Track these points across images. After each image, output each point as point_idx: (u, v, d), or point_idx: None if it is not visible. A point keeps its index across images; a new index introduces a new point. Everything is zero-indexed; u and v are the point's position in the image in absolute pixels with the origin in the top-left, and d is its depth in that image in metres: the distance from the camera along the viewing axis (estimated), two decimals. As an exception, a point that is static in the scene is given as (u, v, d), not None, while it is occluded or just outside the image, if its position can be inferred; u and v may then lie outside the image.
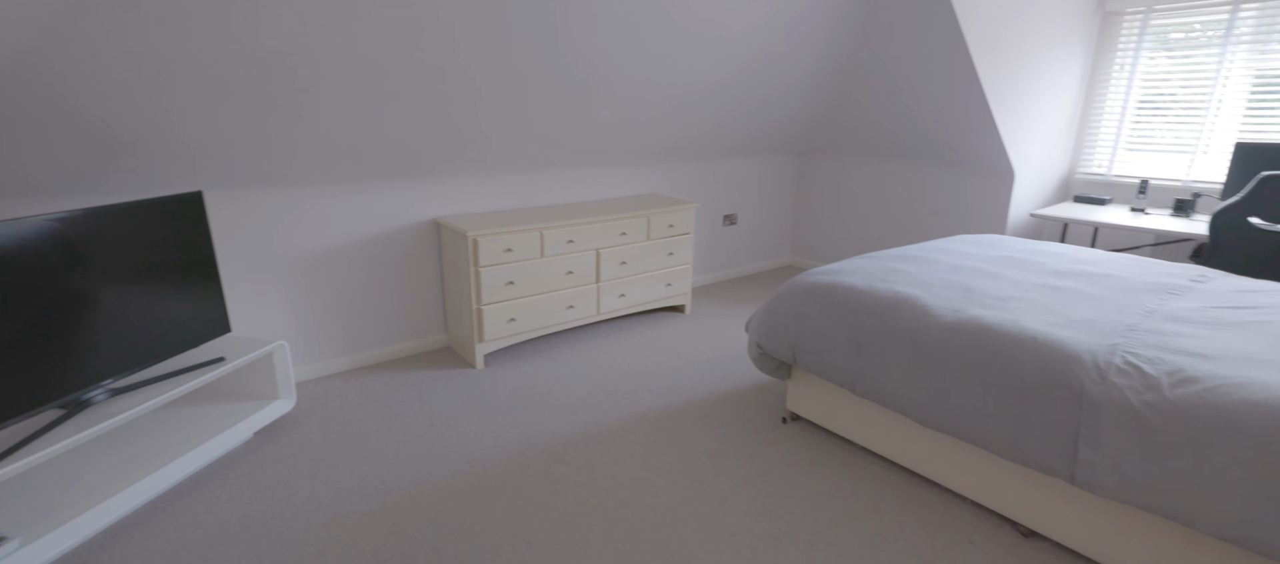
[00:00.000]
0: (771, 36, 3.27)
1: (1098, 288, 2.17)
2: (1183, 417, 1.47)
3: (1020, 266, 2.43)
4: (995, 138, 3.36)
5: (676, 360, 3.15)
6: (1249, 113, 3.22)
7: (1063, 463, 1.66)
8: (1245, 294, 2.07)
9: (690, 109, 3.54)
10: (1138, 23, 3.49)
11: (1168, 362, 1.60)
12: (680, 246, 3.61)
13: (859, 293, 2.21)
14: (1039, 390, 1.70)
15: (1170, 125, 3.47)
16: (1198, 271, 2.34)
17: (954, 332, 1.91)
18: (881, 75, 3.57)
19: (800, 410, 2.50)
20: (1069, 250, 2.68)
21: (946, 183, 3.84)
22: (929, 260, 2.53)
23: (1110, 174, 3.72)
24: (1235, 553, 1.48)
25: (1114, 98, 3.64)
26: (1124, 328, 1.81)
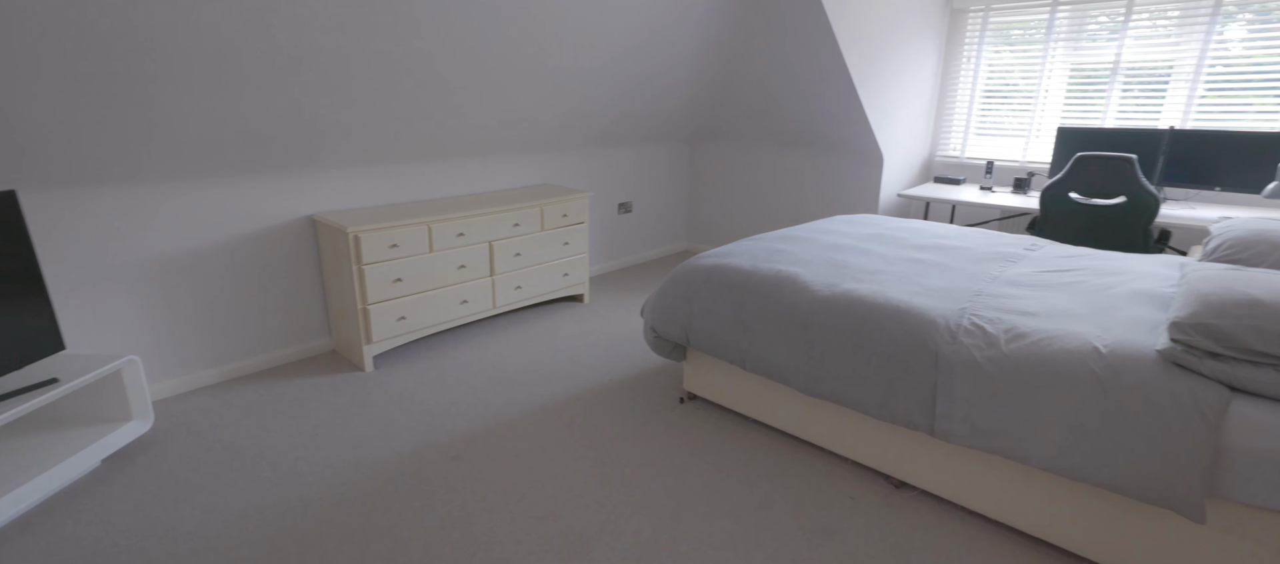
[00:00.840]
0: (653, 25, 3.33)
1: (951, 259, 2.40)
2: (1015, 368, 1.67)
3: (888, 243, 2.65)
4: (865, 125, 3.62)
5: (576, 349, 3.15)
6: (1068, 101, 3.68)
7: (924, 417, 1.83)
8: (1067, 259, 2.38)
9: (578, 97, 3.53)
10: (980, 19, 3.88)
11: (1005, 321, 1.81)
12: (575, 236, 3.61)
13: (745, 273, 2.31)
14: (902, 354, 1.86)
15: (1010, 112, 3.90)
16: (1031, 241, 2.66)
17: (830, 305, 2.05)
18: (760, 65, 3.73)
19: (696, 389, 2.59)
20: (929, 226, 2.95)
21: (825, 167, 4.10)
22: (809, 240, 2.69)
23: (964, 156, 4.12)
24: (1060, 482, 1.71)
25: (964, 87, 4.03)
26: (971, 293, 2.03)
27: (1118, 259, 2.35)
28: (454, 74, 2.87)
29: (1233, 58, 3.17)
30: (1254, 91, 3.14)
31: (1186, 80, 3.30)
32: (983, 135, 4.04)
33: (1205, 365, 1.46)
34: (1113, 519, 1.63)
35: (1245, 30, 3.12)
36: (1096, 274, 2.16)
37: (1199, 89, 3.27)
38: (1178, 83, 3.32)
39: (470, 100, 3.07)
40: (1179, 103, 3.34)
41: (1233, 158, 3.06)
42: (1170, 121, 3.38)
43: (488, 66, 2.94)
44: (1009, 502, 1.81)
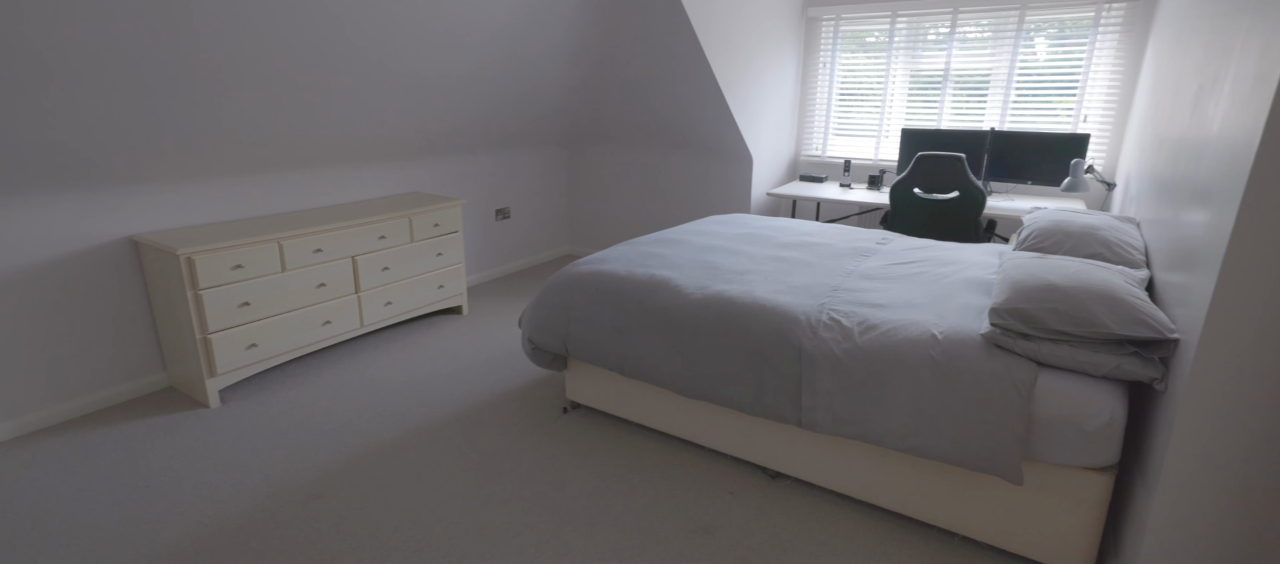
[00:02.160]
0: (519, 27, 3.25)
1: (813, 256, 2.55)
2: (868, 358, 1.80)
3: (756, 242, 2.77)
4: (733, 127, 3.77)
5: (454, 364, 3.02)
6: (910, 103, 4.04)
7: (792, 410, 1.93)
8: (913, 251, 2.60)
9: (445, 102, 3.38)
10: (832, 27, 4.16)
11: (858, 314, 1.94)
12: (449, 246, 3.46)
13: (620, 279, 2.32)
14: (770, 351, 1.95)
15: (863, 114, 4.22)
16: (882, 235, 2.89)
17: (702, 307, 2.11)
18: (631, 69, 3.77)
19: (579, 398, 2.56)
20: (795, 224, 3.12)
21: (700, 168, 4.22)
22: (682, 242, 2.75)
23: (825, 155, 4.41)
24: (911, 459, 1.86)
25: (822, 89, 4.31)
26: (830, 289, 2.16)
27: (953, 249, 2.61)
28: (299, 78, 2.63)
29: (1037, 67, 3.63)
30: (1054, 96, 3.61)
31: (1002, 86, 3.73)
32: (841, 135, 4.34)
33: (1018, 345, 1.65)
34: (954, 488, 1.80)
35: (1045, 43, 3.58)
36: (936, 265, 2.38)
37: (1012, 94, 3.72)
38: (995, 88, 3.75)
39: (321, 107, 2.83)
40: (997, 106, 3.77)
41: (1040, 155, 3.50)
42: (991, 123, 3.81)
43: (334, 70, 2.73)
44: (870, 482, 1.94)
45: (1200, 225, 1.44)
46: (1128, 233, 2.16)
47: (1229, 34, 1.61)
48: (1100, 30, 3.41)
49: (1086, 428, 1.55)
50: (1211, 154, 1.49)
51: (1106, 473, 1.61)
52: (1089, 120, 3.56)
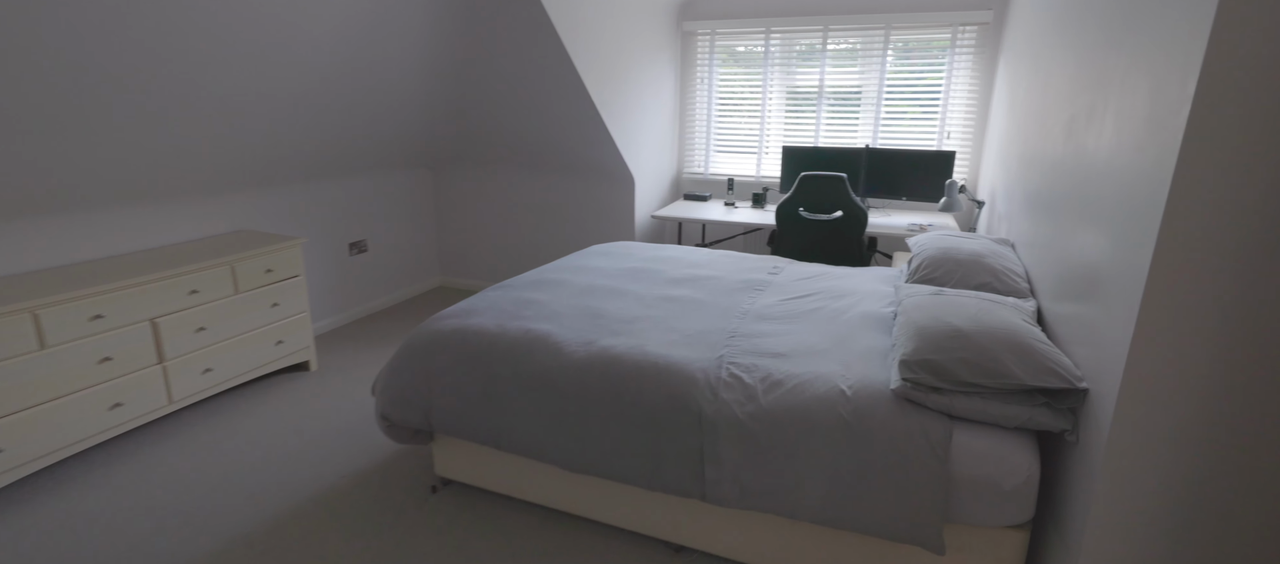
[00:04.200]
0: (355, 40, 2.80)
1: (705, 293, 2.35)
2: (775, 422, 1.61)
3: (643, 278, 2.53)
4: (611, 146, 3.53)
5: (295, 441, 2.51)
6: (788, 119, 4.02)
7: (694, 483, 1.70)
8: (806, 282, 2.48)
9: (270, 126, 2.84)
10: (708, 41, 4.06)
11: (760, 367, 1.75)
12: (288, 293, 2.91)
13: (490, 336, 1.98)
14: (667, 418, 1.70)
15: (743, 130, 4.15)
16: (773, 264, 2.76)
17: (586, 368, 1.82)
18: (498, 85, 3.42)
19: (451, 473, 2.18)
20: (682, 254, 2.92)
21: (580, 190, 3.94)
22: (562, 283, 2.45)
23: (708, 173, 4.30)
24: (827, 530, 1.69)
25: (701, 105, 4.20)
26: (726, 335, 1.96)
27: (846, 278, 2.52)
28: (74, 100, 2.04)
29: (903, 84, 3.72)
30: (920, 113, 3.72)
31: (873, 102, 3.79)
32: (722, 152, 4.25)
33: (930, 399, 1.52)
34: (870, 556, 1.66)
35: (910, 61, 3.68)
36: (832, 297, 2.27)
37: (882, 110, 3.79)
38: (867, 105, 3.81)
39: (105, 135, 2.23)
40: (869, 122, 3.84)
41: (913, 171, 3.59)
42: (864, 139, 3.86)
43: (121, 86, 2.16)
44: (782, 553, 1.76)
45: (1095, 262, 1.39)
46: (1009, 259, 2.15)
47: (1103, 69, 1.58)
48: (957, 50, 3.55)
49: (1004, 487, 1.44)
50: (1103, 188, 1.44)
51: (1022, 530, 1.52)
52: (952, 137, 3.70)
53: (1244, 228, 1.09)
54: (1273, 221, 1.08)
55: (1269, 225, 1.08)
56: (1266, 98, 1.04)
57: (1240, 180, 1.08)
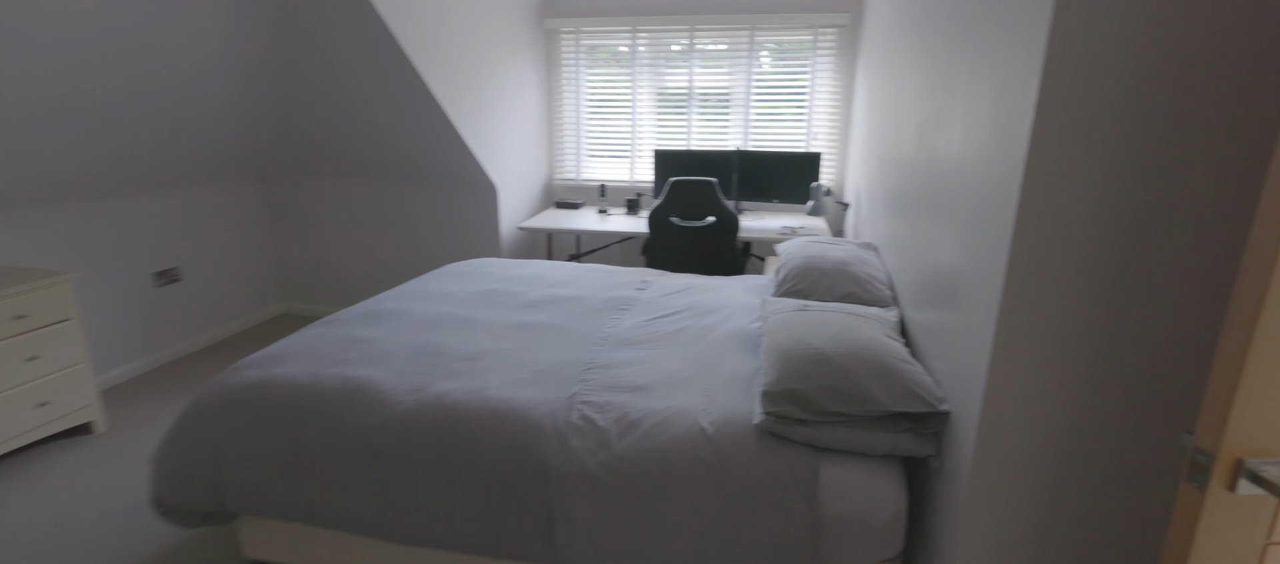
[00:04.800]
0: (135, 38, 2.32)
1: (564, 317, 2.13)
2: (632, 470, 1.41)
3: (498, 303, 2.26)
4: (467, 153, 3.21)
5: (59, 532, 2.00)
6: (660, 122, 3.89)
7: (545, 548, 1.46)
8: (674, 297, 2.32)
9: (23, 137, 2.28)
10: (573, 40, 3.84)
11: (616, 405, 1.55)
12: (52, 343, 2.35)
13: (298, 390, 1.64)
14: (509, 475, 1.46)
15: (614, 133, 3.97)
16: (642, 278, 2.58)
17: (415, 421, 1.54)
18: (327, 88, 2.99)
19: (264, 553, 1.80)
20: (546, 270, 2.68)
21: (438, 201, 3.58)
22: (401, 314, 2.13)
23: (580, 179, 4.08)
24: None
25: (569, 107, 3.97)
26: (582, 368, 1.74)
27: (716, 290, 2.39)
28: None
29: (771, 86, 3.70)
30: (787, 114, 3.72)
31: (742, 104, 3.75)
32: (594, 157, 4.05)
33: (795, 432, 1.39)
34: (742, 605, 1.50)
35: (775, 62, 3.67)
36: (699, 314, 2.12)
37: (751, 113, 3.76)
38: (736, 106, 3.76)
39: None
40: (739, 124, 3.79)
41: (782, 174, 3.57)
42: (735, 141, 3.81)
43: None
44: (648, 611, 1.56)
45: (952, 270, 1.31)
46: (873, 265, 2.10)
47: (948, 73, 1.53)
48: (818, 52, 3.57)
49: (873, 523, 1.33)
50: (956, 194, 1.37)
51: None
52: (819, 139, 3.72)
53: (1097, 233, 1.02)
54: (1124, 226, 1.01)
55: (1121, 229, 1.01)
56: (1110, 101, 0.97)
57: (1090, 184, 1.00)
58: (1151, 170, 0.98)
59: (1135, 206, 1.00)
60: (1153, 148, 0.97)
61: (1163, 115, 0.96)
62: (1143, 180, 0.99)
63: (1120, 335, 1.05)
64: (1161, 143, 0.97)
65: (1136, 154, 0.98)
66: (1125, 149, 0.98)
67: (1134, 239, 1.01)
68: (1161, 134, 0.97)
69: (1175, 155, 0.97)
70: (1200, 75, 0.94)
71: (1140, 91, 0.96)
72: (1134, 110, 0.96)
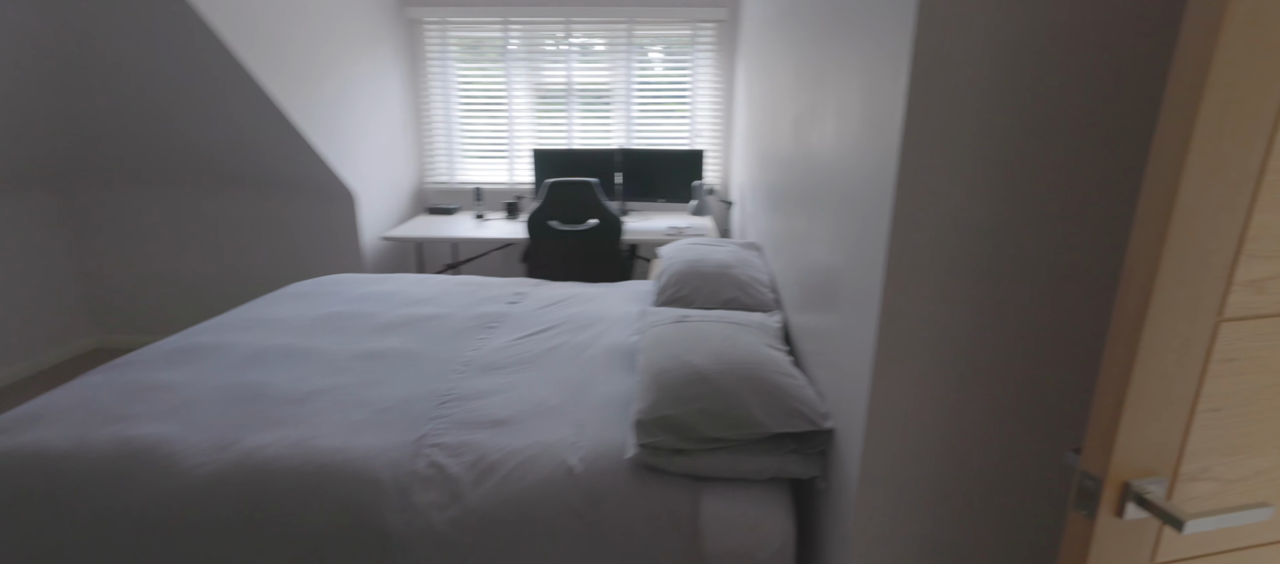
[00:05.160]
0: None
1: (422, 341, 1.87)
2: (486, 525, 1.20)
3: (342, 329, 1.96)
4: (315, 157, 2.83)
5: None
6: (538, 120, 3.67)
7: (387, 627, 1.22)
8: (550, 310, 2.13)
9: None
10: (438, 32, 3.53)
11: (472, 446, 1.33)
12: None
13: (56, 462, 1.28)
14: (338, 546, 1.20)
15: (490, 133, 3.70)
16: (516, 289, 2.36)
17: (216, 489, 1.24)
18: (122, 81, 2.51)
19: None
20: (406, 285, 2.39)
21: (284, 212, 3.15)
22: (218, 349, 1.78)
23: (454, 181, 3.77)
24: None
25: (438, 105, 3.65)
26: (437, 401, 1.51)
27: (596, 300, 2.21)
28: None
29: (653, 82, 3.59)
30: (671, 111, 3.62)
31: (623, 101, 3.61)
32: (470, 158, 3.75)
33: (673, 463, 1.24)
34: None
35: (657, 58, 3.56)
36: (576, 329, 1.94)
37: (633, 110, 3.63)
38: (618, 104, 3.62)
39: None
40: (622, 122, 3.65)
41: (667, 172, 3.46)
42: (618, 140, 3.67)
43: None
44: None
45: (830, 270, 1.23)
46: (755, 267, 2.02)
47: (819, 66, 1.45)
48: (698, 47, 3.50)
49: (760, 557, 1.21)
50: (832, 191, 1.28)
51: (784, 595, 1.31)
52: (702, 136, 3.66)
53: (979, 232, 0.94)
54: (1005, 226, 0.94)
55: (1002, 228, 0.94)
56: (985, 89, 0.89)
57: (969, 179, 0.92)
58: (1032, 167, 0.91)
59: (1016, 205, 0.93)
60: (1033, 142, 0.90)
61: (1042, 105, 0.89)
62: (1024, 177, 0.92)
63: (1003, 342, 0.99)
64: (1040, 138, 0.90)
65: (1015, 149, 0.91)
66: (1003, 143, 0.90)
67: (1016, 240, 0.94)
68: (1040, 127, 0.90)
69: (1058, 151, 0.91)
70: (1080, 57, 0.87)
71: (1016, 80, 0.88)
72: (1010, 101, 0.89)
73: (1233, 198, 0.64)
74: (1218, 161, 0.62)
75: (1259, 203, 0.64)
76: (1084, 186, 0.92)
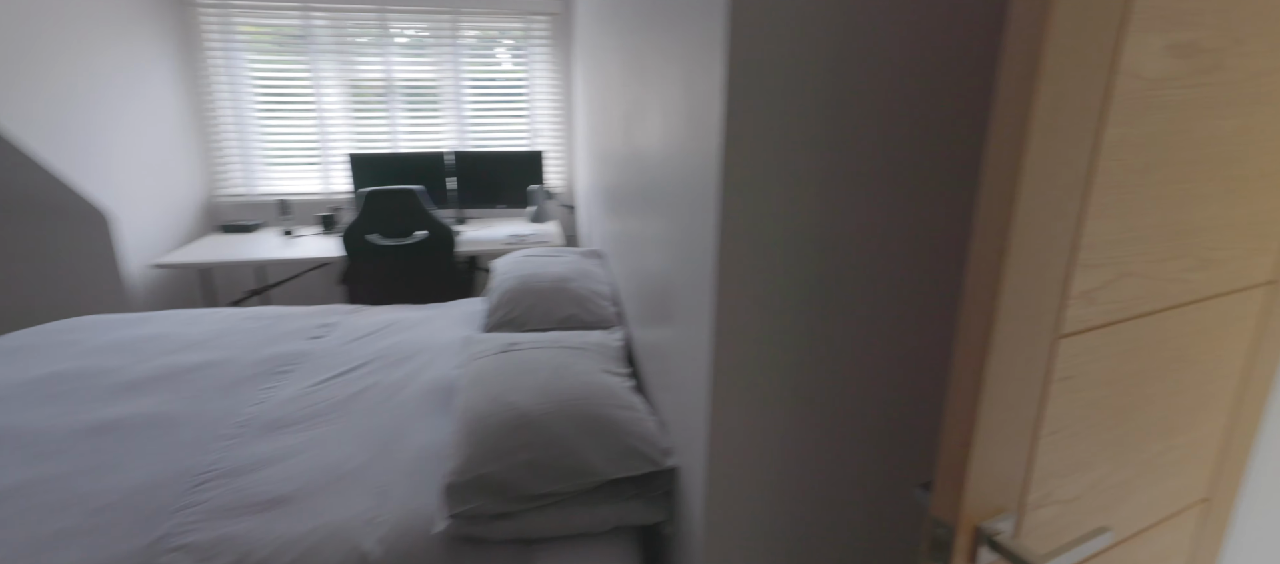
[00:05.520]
0: None
1: (184, 399, 1.48)
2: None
3: (67, 393, 1.51)
4: (39, 170, 2.23)
5: None
6: (357, 121, 3.25)
7: None
8: (363, 344, 1.81)
9: None
10: (219, 19, 2.98)
11: (232, 543, 1.03)
12: None
13: None
14: None
15: (296, 135, 3.21)
16: (322, 321, 2.01)
17: None
18: None
19: None
20: (174, 327, 1.93)
21: (16, 238, 2.47)
22: None
23: (254, 194, 3.22)
24: None
25: (226, 104, 3.09)
26: (191, 483, 1.17)
27: (419, 326, 1.93)
28: None
29: (488, 79, 3.31)
30: (509, 111, 3.37)
31: (453, 100, 3.30)
32: (273, 166, 3.23)
33: (496, 529, 1.04)
34: None
35: (487, 54, 3.28)
36: (392, 363, 1.65)
37: (466, 109, 3.33)
38: (448, 102, 3.30)
39: None
40: (454, 123, 3.33)
41: (506, 176, 3.21)
42: (452, 142, 3.35)
43: None
44: None
45: (664, 278, 1.10)
46: (596, 279, 1.86)
47: (643, 56, 1.31)
48: (533, 42, 3.29)
49: (602, 626, 1.04)
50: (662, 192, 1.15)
51: (635, 657, 1.16)
52: (542, 136, 3.45)
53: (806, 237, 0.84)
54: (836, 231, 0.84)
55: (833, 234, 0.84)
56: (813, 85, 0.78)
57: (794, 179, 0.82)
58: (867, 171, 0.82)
59: (851, 212, 0.83)
60: (868, 144, 0.81)
61: (877, 103, 0.80)
62: (859, 181, 0.82)
63: (845, 363, 0.90)
64: (875, 140, 0.81)
65: (850, 150, 0.81)
66: (836, 143, 0.80)
67: (851, 249, 0.85)
68: (875, 127, 0.81)
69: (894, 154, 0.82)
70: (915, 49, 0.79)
71: (848, 71, 0.78)
72: (843, 96, 0.79)
73: (1065, 203, 0.57)
74: (1054, 163, 0.54)
75: (1090, 207, 0.58)
76: (925, 192, 0.85)
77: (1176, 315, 0.69)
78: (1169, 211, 0.63)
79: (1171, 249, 0.65)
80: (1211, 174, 0.65)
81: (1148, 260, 0.64)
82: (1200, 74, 0.59)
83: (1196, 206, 0.65)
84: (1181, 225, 0.65)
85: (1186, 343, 0.72)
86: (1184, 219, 0.65)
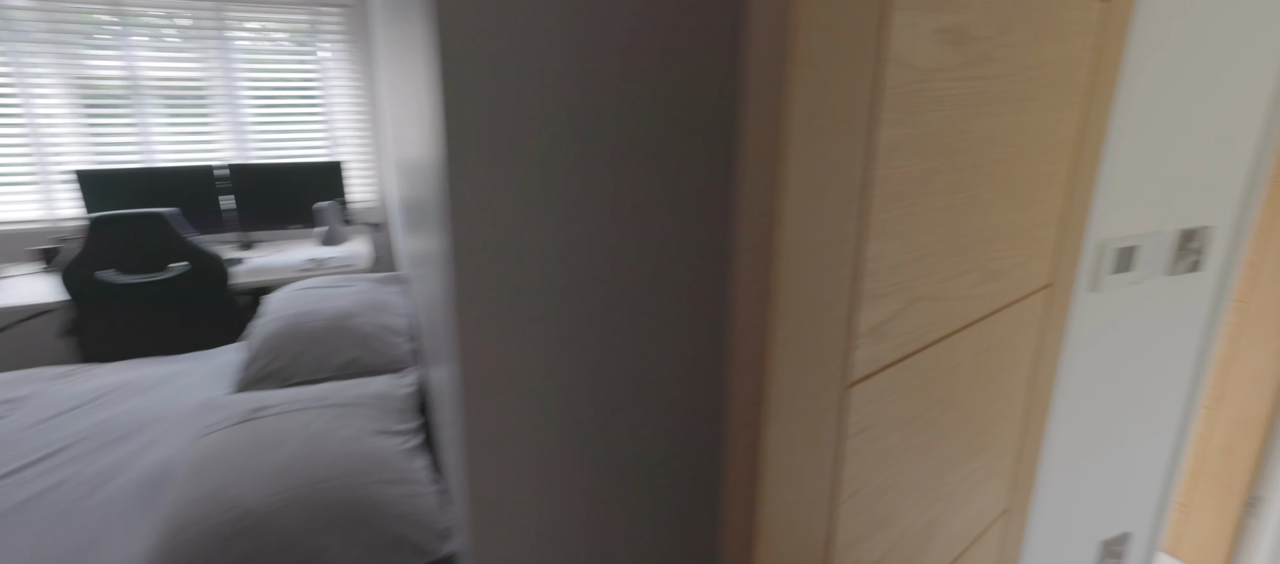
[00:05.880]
0: None
1: None
2: None
3: None
4: None
5: None
6: (90, 131, 2.62)
7: None
8: (64, 419, 1.38)
9: None
10: None
11: None
12: None
13: None
14: None
15: (7, 150, 2.52)
16: (7, 395, 1.52)
17: None
18: None
19: None
20: None
21: None
22: None
23: (-58, 225, 2.48)
24: None
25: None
26: None
27: (163, 385, 1.53)
28: None
29: (271, 80, 2.84)
30: (301, 116, 2.92)
31: (227, 104, 2.79)
32: (-29, 187, 2.51)
33: (203, 682, 0.76)
34: None
35: (261, 48, 2.81)
36: (101, 446, 1.26)
37: (246, 114, 2.83)
38: (220, 106, 2.78)
39: None
40: (231, 130, 2.82)
41: (297, 192, 2.77)
42: (230, 153, 2.84)
43: None
44: None
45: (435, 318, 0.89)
46: (390, 310, 1.59)
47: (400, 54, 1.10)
48: (325, 39, 2.87)
49: None
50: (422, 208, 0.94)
51: None
52: (345, 146, 3.04)
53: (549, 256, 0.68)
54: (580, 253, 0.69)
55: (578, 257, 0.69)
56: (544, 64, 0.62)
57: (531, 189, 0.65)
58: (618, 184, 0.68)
59: (600, 230, 0.69)
60: (617, 153, 0.67)
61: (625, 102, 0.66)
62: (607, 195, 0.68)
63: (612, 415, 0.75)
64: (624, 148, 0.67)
65: (597, 158, 0.66)
66: (580, 144, 0.65)
67: (604, 274, 0.70)
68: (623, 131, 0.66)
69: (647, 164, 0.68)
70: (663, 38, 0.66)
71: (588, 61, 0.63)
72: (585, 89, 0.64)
73: (841, 223, 0.45)
74: (822, 172, 0.42)
75: (871, 226, 0.47)
76: (692, 204, 0.72)
77: (967, 335, 0.63)
78: (954, 223, 0.55)
79: (958, 265, 0.58)
80: (990, 178, 0.58)
81: (935, 280, 0.56)
82: (971, 65, 0.51)
83: (979, 215, 0.58)
84: (966, 237, 0.58)
85: (977, 362, 0.66)
86: (968, 230, 0.58)
